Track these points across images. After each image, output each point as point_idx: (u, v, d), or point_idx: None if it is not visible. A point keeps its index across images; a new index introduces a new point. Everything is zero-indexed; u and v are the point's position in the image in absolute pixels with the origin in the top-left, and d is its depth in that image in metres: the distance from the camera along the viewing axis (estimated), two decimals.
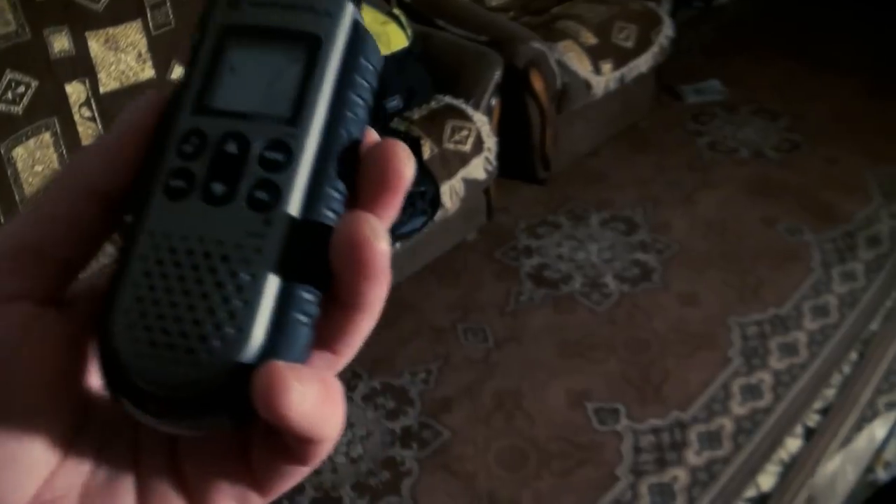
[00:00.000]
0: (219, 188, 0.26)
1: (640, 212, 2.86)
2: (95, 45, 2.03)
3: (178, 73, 2.13)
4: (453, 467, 2.01)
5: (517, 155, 2.79)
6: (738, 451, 2.02)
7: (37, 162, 1.96)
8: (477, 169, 2.36)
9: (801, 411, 2.11)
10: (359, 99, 0.28)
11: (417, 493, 1.96)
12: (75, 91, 2.01)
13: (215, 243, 0.26)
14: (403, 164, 0.27)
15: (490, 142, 2.40)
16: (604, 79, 2.86)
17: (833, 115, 3.39)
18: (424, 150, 2.23)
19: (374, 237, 0.25)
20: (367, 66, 0.29)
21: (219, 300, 0.25)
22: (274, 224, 0.26)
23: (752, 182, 3.01)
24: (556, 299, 2.50)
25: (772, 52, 3.88)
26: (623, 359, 2.28)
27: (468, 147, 2.33)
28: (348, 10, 0.28)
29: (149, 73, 2.12)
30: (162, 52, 2.13)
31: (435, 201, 2.20)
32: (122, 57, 2.07)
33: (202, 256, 0.26)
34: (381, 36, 2.28)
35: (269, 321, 0.25)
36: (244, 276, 0.25)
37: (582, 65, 2.79)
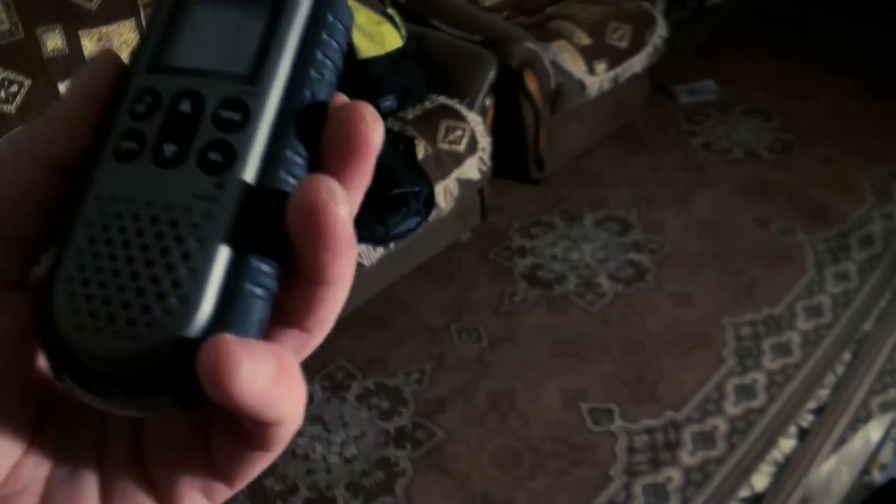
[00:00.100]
0: (170, 149, 0.25)
1: (633, 212, 2.86)
2: (89, 44, 2.02)
3: None
4: (447, 467, 2.01)
5: (511, 155, 2.79)
6: (732, 451, 2.02)
7: None
8: (471, 169, 2.36)
9: (794, 411, 2.11)
10: (325, 59, 0.27)
11: (411, 493, 1.96)
12: None
13: (164, 208, 0.24)
14: (370, 129, 0.25)
15: (484, 142, 2.40)
16: (598, 79, 2.86)
17: (826, 115, 3.40)
18: (419, 150, 2.23)
19: (332, 202, 0.23)
20: (337, 24, 0.27)
21: (164, 268, 0.23)
22: (227, 188, 0.24)
23: (746, 182, 3.01)
24: (550, 299, 2.50)
25: (765, 52, 3.89)
26: (617, 359, 2.28)
27: (462, 147, 2.33)
28: None
29: None
30: None
31: (429, 201, 2.20)
32: None
33: (149, 221, 0.24)
34: (376, 36, 2.28)
35: (218, 292, 0.23)
36: (192, 243, 0.23)
37: (576, 65, 2.79)
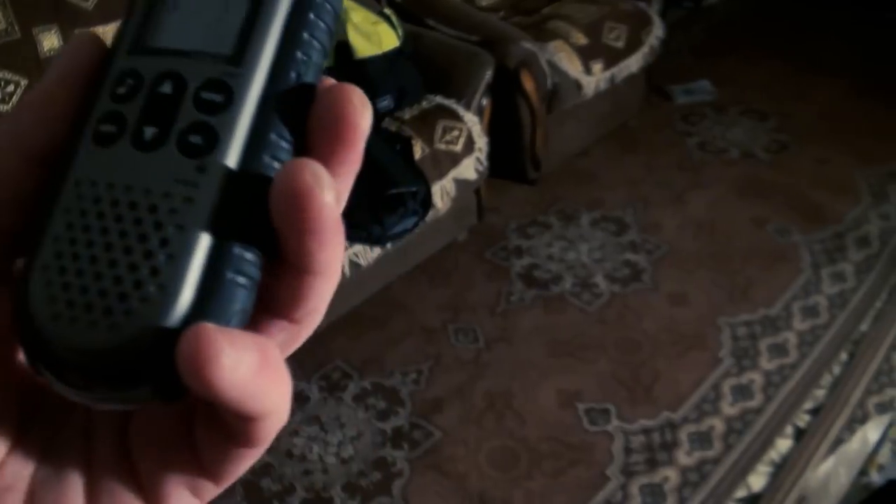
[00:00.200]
0: (150, 132, 0.24)
1: (630, 212, 2.86)
2: None
3: None
4: (444, 468, 2.01)
5: (508, 155, 2.79)
6: (728, 452, 2.02)
7: None
8: (468, 169, 2.36)
9: (791, 412, 2.11)
10: (313, 40, 0.26)
11: (408, 493, 1.96)
12: None
13: (143, 192, 0.23)
14: (358, 113, 0.24)
15: (481, 142, 2.40)
16: (594, 79, 2.86)
17: (822, 116, 3.41)
18: (415, 151, 2.22)
19: (317, 186, 0.22)
20: (325, 4, 0.26)
21: (142, 255, 0.22)
22: (208, 172, 0.23)
23: (742, 182, 3.02)
24: (547, 299, 2.50)
25: (761, 53, 3.90)
26: (613, 359, 2.28)
27: (459, 147, 2.33)
28: None
29: None
30: None
31: (426, 201, 2.20)
32: None
33: (127, 207, 0.23)
34: (373, 35, 2.28)
35: (199, 280, 0.23)
36: (171, 229, 0.23)
37: (572, 65, 2.79)
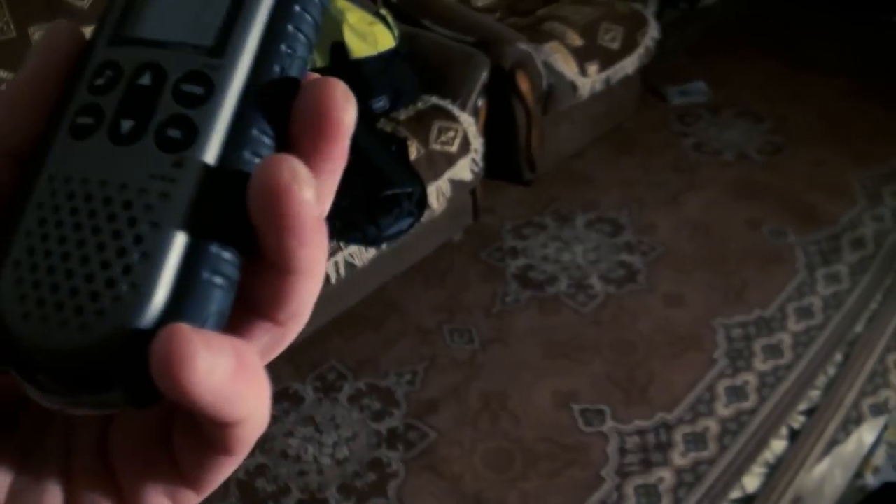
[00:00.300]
0: (127, 125, 0.23)
1: (625, 213, 2.87)
2: None
3: None
4: (439, 469, 2.01)
5: (503, 156, 2.79)
6: (723, 453, 2.02)
7: None
8: (463, 170, 2.36)
9: (785, 413, 2.12)
10: (298, 33, 0.25)
11: (404, 494, 1.95)
12: None
13: (118, 187, 0.22)
14: (341, 108, 0.23)
15: (476, 143, 2.40)
16: (590, 80, 2.87)
17: (817, 117, 3.41)
18: (411, 151, 2.22)
19: (295, 183, 0.21)
20: None
21: (115, 253, 0.22)
22: (186, 167, 0.22)
23: (737, 184, 3.02)
24: (542, 300, 2.50)
25: (757, 54, 3.90)
26: (608, 360, 2.29)
27: (455, 148, 2.33)
28: None
29: None
30: None
31: (421, 202, 2.20)
32: None
33: (102, 202, 0.22)
34: (369, 36, 2.28)
35: (173, 280, 0.22)
36: (146, 226, 0.22)
37: (568, 66, 2.80)
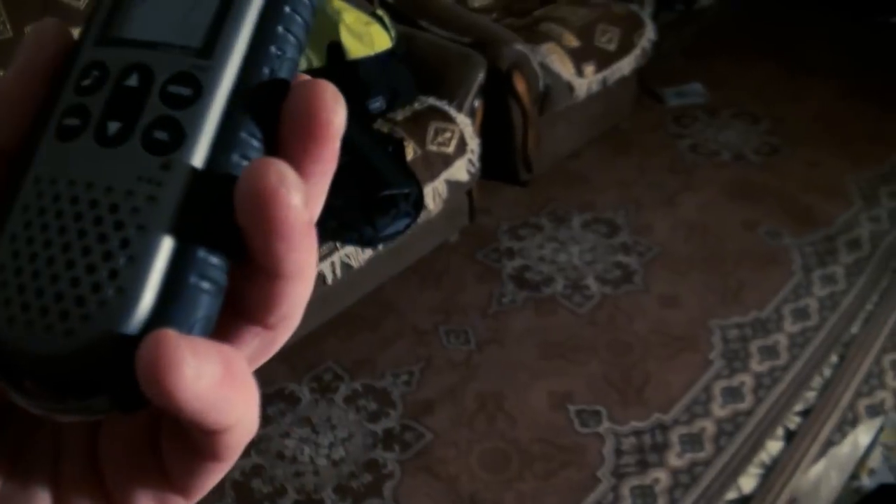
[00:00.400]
0: (113, 127, 0.23)
1: (621, 214, 2.87)
2: None
3: None
4: (435, 469, 2.01)
5: (500, 157, 2.79)
6: (719, 454, 2.02)
7: None
8: (460, 171, 2.35)
9: (781, 414, 2.12)
10: (288, 34, 0.24)
11: (399, 495, 1.95)
12: None
13: (104, 190, 0.22)
14: (330, 109, 0.23)
15: (473, 143, 2.40)
16: (586, 81, 2.87)
17: (813, 119, 3.42)
18: (408, 152, 2.22)
19: (283, 187, 0.21)
20: None
21: (100, 257, 0.21)
22: (173, 169, 0.22)
23: (733, 185, 3.02)
24: (538, 301, 2.50)
25: (753, 55, 3.91)
26: (605, 361, 2.29)
27: (451, 149, 2.33)
28: None
29: None
30: None
31: (418, 203, 2.19)
32: None
33: (88, 205, 0.22)
34: (365, 36, 2.27)
35: (160, 284, 0.21)
36: (132, 229, 0.22)
37: (565, 67, 2.80)
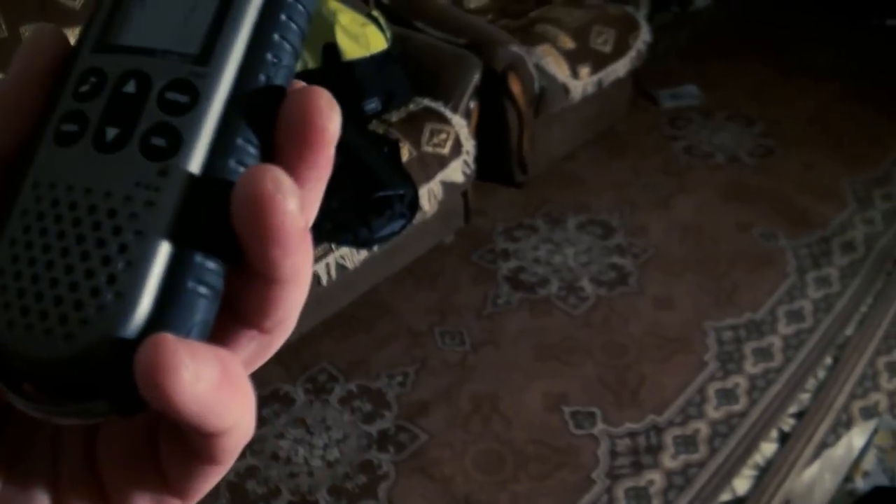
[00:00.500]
0: (111, 133, 0.23)
1: (616, 215, 2.87)
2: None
3: None
4: (430, 471, 2.01)
5: (495, 158, 2.79)
6: (713, 455, 2.03)
7: None
8: (455, 172, 2.36)
9: (776, 415, 2.12)
10: (284, 42, 0.25)
11: (394, 496, 1.95)
12: None
13: (102, 196, 0.22)
14: (325, 116, 0.23)
15: (468, 145, 2.40)
16: (581, 83, 2.87)
17: (808, 121, 3.43)
18: (403, 153, 2.22)
19: (279, 193, 0.21)
20: (297, 6, 0.25)
21: (99, 262, 0.22)
22: (171, 175, 0.22)
23: (728, 187, 3.03)
24: (533, 303, 2.50)
25: (748, 58, 3.92)
26: (599, 362, 2.29)
27: (446, 150, 2.33)
28: None
29: None
30: None
31: (413, 204, 2.20)
32: None
33: (86, 210, 0.22)
34: (360, 38, 2.27)
35: (158, 289, 0.22)
36: (130, 235, 0.22)
37: (560, 69, 2.80)
